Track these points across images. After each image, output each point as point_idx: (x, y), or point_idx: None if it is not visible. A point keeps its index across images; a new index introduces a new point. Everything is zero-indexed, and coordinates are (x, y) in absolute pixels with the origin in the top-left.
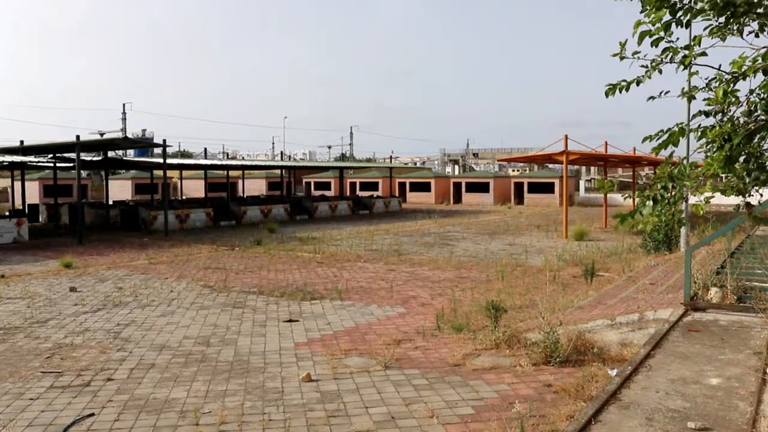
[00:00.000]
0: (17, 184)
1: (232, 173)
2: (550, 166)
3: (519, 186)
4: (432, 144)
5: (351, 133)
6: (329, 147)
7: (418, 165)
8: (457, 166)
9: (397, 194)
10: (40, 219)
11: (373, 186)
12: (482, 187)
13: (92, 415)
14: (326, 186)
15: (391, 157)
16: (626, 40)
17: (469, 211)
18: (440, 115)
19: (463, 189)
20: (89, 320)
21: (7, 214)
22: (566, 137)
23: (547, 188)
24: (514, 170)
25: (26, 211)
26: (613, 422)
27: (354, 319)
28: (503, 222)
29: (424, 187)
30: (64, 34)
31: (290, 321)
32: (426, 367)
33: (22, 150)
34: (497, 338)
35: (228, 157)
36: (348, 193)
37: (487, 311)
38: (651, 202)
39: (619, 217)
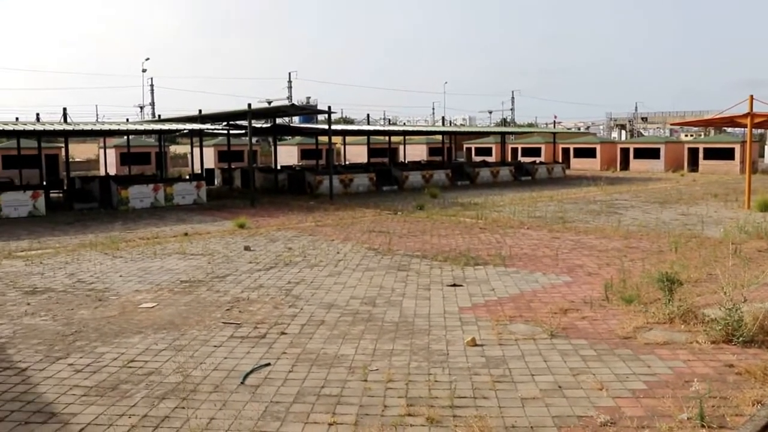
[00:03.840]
0: (196, 150)
1: (393, 139)
2: (729, 130)
3: (693, 152)
4: (597, 108)
5: (512, 97)
6: (490, 112)
7: (582, 130)
8: (623, 131)
9: (560, 160)
10: (216, 182)
11: (536, 152)
12: (652, 153)
13: (269, 364)
14: (487, 152)
15: (554, 122)
16: None
17: (637, 178)
18: (606, 78)
19: (631, 155)
20: (263, 277)
21: (187, 177)
22: (751, 98)
23: (726, 154)
24: (687, 135)
25: (204, 175)
26: None
27: (518, 286)
28: (675, 190)
29: (589, 153)
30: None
31: (454, 285)
32: (594, 338)
33: (201, 118)
34: (671, 312)
35: (389, 123)
36: (509, 159)
37: (660, 283)
38: None
39: None
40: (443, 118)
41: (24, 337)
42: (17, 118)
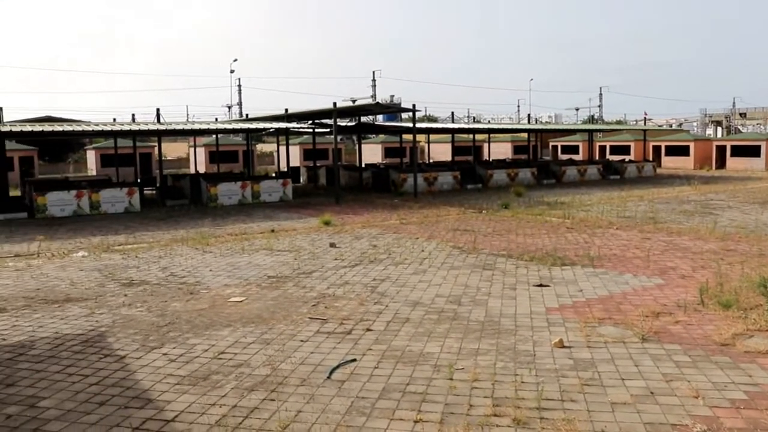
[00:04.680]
0: (282, 149)
1: (477, 137)
2: None
3: None
4: (689, 104)
5: (600, 94)
6: (576, 109)
7: (674, 127)
8: (719, 128)
9: (650, 158)
10: (301, 180)
11: (625, 150)
12: (751, 151)
13: (355, 360)
14: (574, 150)
15: (644, 119)
16: None
17: (734, 177)
18: (700, 73)
19: (728, 153)
20: (348, 274)
21: (273, 175)
22: None
23: None
24: None
25: (290, 173)
26: None
27: (607, 288)
28: None
29: (682, 151)
30: (315, 6)
31: (540, 285)
32: (688, 344)
33: (287, 117)
34: None
35: (474, 121)
36: (597, 157)
37: (762, 288)
38: None
39: None
40: (529, 115)
41: (122, 326)
42: (114, 119)
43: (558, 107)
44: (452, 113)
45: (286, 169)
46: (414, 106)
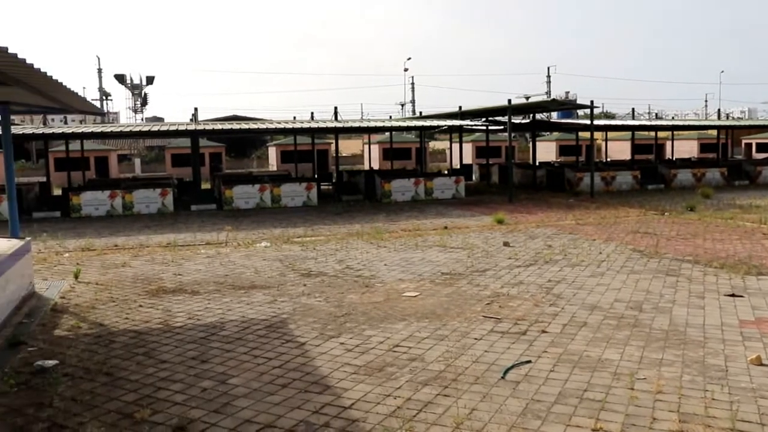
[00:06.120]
0: (454, 146)
1: (659, 134)
2: None
3: None
4: None
5: None
6: None
7: None
8: None
9: None
10: (473, 178)
11: None
12: None
13: (529, 362)
14: None
15: None
16: None
17: None
18: None
19: None
20: (522, 274)
21: (446, 173)
22: None
23: None
24: None
25: (462, 170)
26: None
27: None
28: None
29: None
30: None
31: (732, 296)
32: None
33: (460, 115)
34: None
35: (655, 117)
36: None
37: None
38: None
39: None
40: (718, 110)
41: (302, 314)
42: (294, 117)
43: (752, 101)
44: (633, 109)
45: (458, 167)
46: (592, 102)
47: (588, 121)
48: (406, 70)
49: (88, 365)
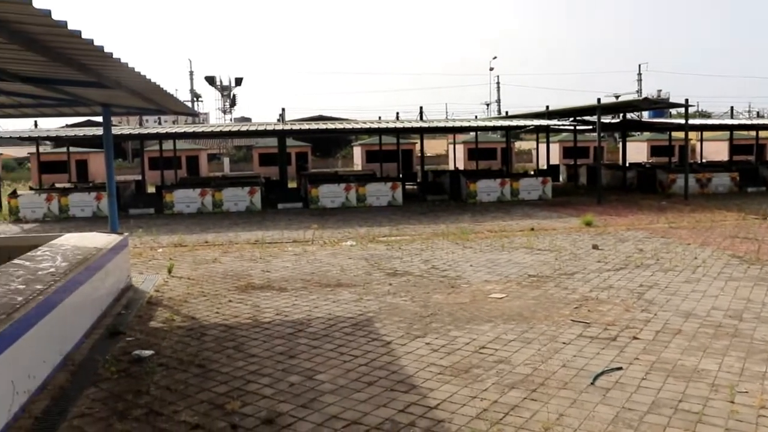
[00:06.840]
0: (541, 146)
1: (761, 134)
2: None
3: None
4: None
5: None
6: None
7: None
8: None
9: None
10: (560, 179)
11: None
12: None
13: (620, 368)
14: None
15: None
16: None
17: None
18: None
19: None
20: (612, 278)
21: (532, 173)
22: None
23: None
24: None
25: (549, 171)
26: None
27: None
28: None
29: None
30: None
31: None
32: None
33: (547, 114)
34: None
35: (757, 116)
36: None
37: None
38: None
39: None
40: None
41: (387, 314)
42: (380, 117)
43: None
44: (731, 108)
45: (545, 167)
46: (686, 101)
47: (682, 121)
48: (491, 69)
49: (182, 356)
